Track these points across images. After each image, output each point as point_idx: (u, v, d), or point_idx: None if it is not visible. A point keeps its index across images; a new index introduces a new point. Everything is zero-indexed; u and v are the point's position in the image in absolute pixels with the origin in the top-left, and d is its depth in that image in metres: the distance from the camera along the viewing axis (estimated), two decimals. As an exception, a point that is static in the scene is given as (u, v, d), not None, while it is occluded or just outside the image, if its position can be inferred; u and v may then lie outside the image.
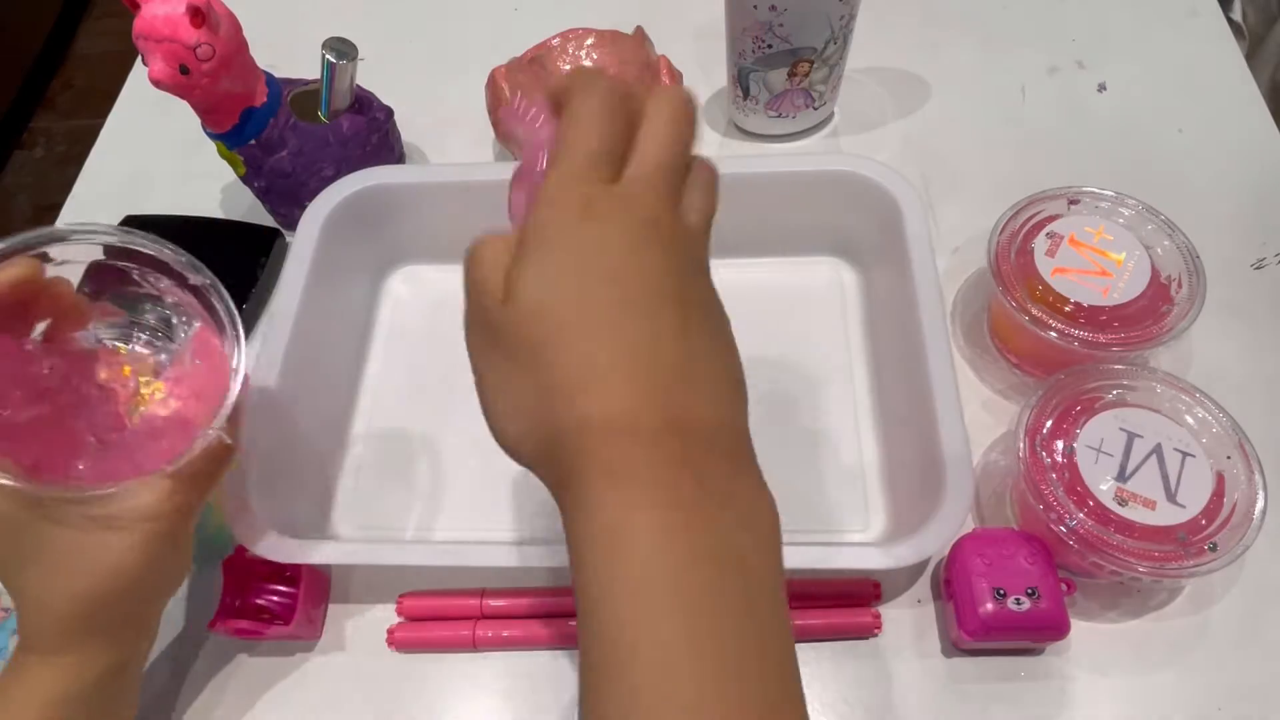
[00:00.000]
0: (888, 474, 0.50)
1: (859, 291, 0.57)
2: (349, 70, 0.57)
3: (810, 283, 0.58)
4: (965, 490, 0.42)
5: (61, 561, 0.35)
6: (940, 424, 0.44)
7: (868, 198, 0.53)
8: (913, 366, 0.46)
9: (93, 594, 0.35)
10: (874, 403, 0.53)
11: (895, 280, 0.51)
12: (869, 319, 0.56)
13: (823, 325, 0.56)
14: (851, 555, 0.44)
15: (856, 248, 0.57)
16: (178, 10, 0.48)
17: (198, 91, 0.52)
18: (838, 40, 0.58)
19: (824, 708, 0.45)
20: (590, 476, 0.25)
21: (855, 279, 0.58)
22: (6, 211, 1.74)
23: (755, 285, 0.56)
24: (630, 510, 0.25)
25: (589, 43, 0.58)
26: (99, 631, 0.37)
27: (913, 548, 0.41)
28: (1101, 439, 0.44)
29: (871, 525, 0.49)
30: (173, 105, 0.54)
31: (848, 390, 0.53)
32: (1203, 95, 0.65)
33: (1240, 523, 0.42)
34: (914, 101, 0.67)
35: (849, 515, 0.49)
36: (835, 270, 0.58)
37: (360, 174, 0.56)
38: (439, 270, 0.60)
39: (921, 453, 0.45)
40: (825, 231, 0.57)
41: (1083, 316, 0.49)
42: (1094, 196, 0.53)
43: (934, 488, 0.43)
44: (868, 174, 0.52)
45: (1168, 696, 0.44)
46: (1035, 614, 0.42)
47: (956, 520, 0.41)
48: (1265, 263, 0.57)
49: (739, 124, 0.66)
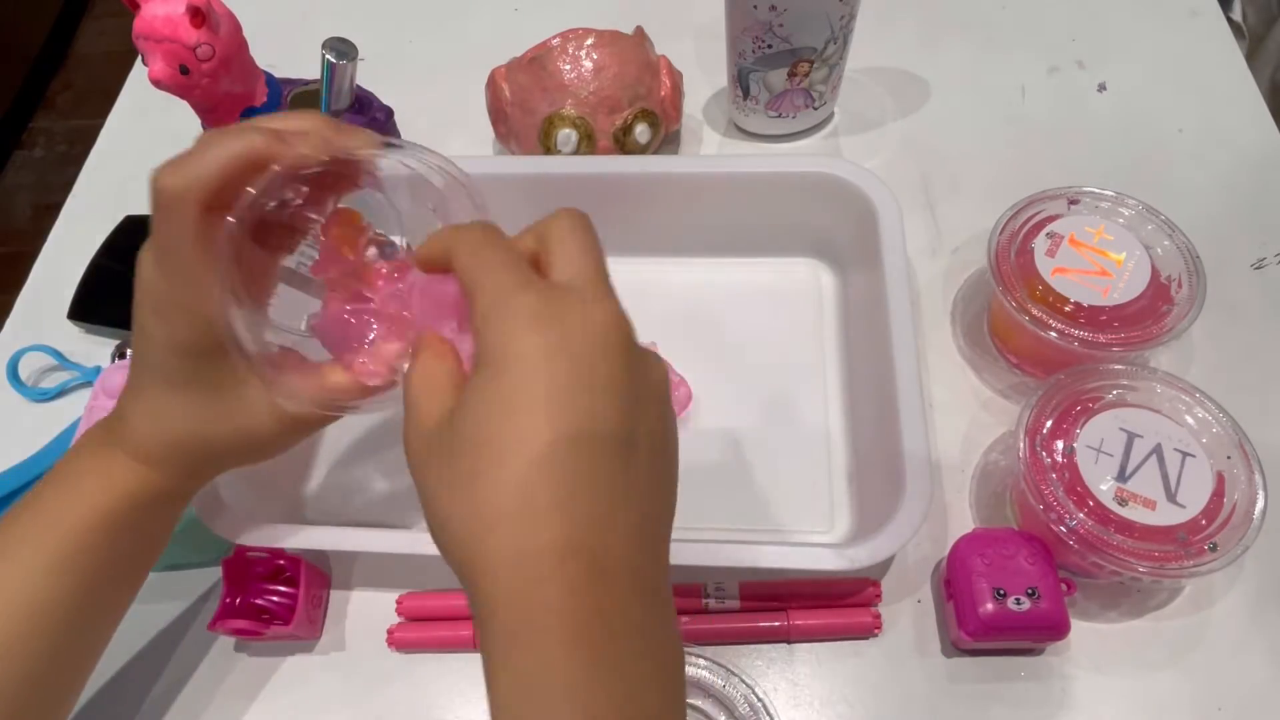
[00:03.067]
0: (855, 476, 0.50)
1: (835, 293, 0.57)
2: (349, 70, 0.57)
3: (788, 283, 0.58)
4: (922, 493, 0.42)
5: (213, 401, 0.35)
6: (902, 426, 0.44)
7: (845, 200, 0.53)
8: (881, 368, 0.47)
9: (218, 440, 0.35)
10: (844, 404, 0.53)
11: (869, 283, 0.51)
12: (844, 320, 0.56)
13: (799, 326, 0.56)
14: (806, 556, 0.43)
15: (835, 249, 0.57)
16: (178, 10, 0.48)
17: (198, 91, 0.52)
18: (838, 40, 0.58)
19: (824, 707, 0.45)
20: (503, 619, 0.25)
21: (833, 280, 0.58)
22: (6, 211, 1.74)
23: (733, 284, 0.58)
24: (540, 665, 0.24)
25: (589, 43, 0.58)
26: (193, 466, 0.37)
27: (868, 550, 0.41)
28: (1101, 439, 0.44)
29: (836, 527, 0.49)
30: (173, 105, 0.54)
31: (820, 391, 0.53)
32: (1203, 95, 0.65)
33: (1240, 523, 0.42)
34: (914, 101, 0.67)
35: (815, 516, 0.49)
36: (814, 271, 0.58)
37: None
38: None
39: (885, 455, 0.45)
40: (804, 232, 0.57)
41: (1083, 316, 0.49)
42: (1094, 196, 0.53)
43: (894, 490, 0.43)
44: (845, 176, 0.52)
45: (1168, 696, 0.44)
46: (1035, 614, 0.42)
47: (912, 524, 0.41)
48: (1265, 263, 0.57)
49: (739, 124, 0.66)
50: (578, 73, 0.57)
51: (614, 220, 0.55)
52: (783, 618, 0.46)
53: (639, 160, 0.58)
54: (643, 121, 0.59)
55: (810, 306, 0.57)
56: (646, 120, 0.59)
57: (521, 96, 0.59)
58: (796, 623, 0.46)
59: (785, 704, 0.45)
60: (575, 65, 0.57)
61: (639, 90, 0.59)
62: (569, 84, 0.57)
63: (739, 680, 0.43)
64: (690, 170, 0.54)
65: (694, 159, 0.56)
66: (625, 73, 0.58)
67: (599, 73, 0.57)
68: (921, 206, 0.61)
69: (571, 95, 0.58)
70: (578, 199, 0.54)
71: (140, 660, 0.48)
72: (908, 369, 0.45)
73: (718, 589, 0.47)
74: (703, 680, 0.43)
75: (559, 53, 0.58)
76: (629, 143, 0.59)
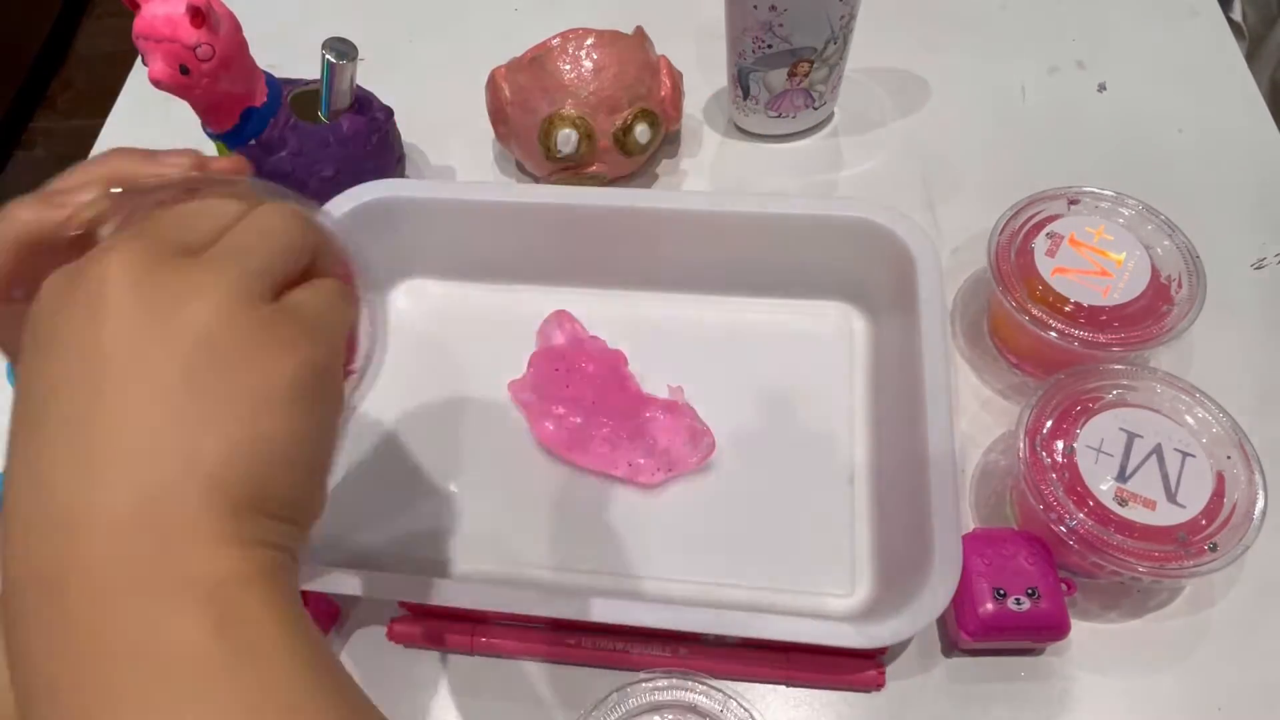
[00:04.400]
0: (878, 538, 0.48)
1: (867, 339, 0.55)
2: (349, 70, 0.57)
3: (818, 327, 0.56)
4: (951, 569, 0.40)
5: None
6: (932, 491, 0.42)
7: (881, 245, 0.51)
8: (912, 424, 0.45)
9: None
10: (871, 458, 0.50)
11: (903, 332, 0.49)
12: (875, 369, 0.53)
13: (828, 371, 0.54)
14: (823, 630, 0.41)
15: (868, 294, 0.55)
16: (178, 10, 0.48)
17: (198, 91, 0.52)
18: (838, 40, 0.58)
19: (823, 707, 0.45)
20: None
21: (865, 326, 0.55)
22: (6, 211, 1.74)
23: (762, 325, 0.56)
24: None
25: (589, 43, 0.58)
26: None
27: (890, 629, 0.39)
28: (1101, 439, 0.44)
29: (856, 591, 0.47)
30: (173, 105, 0.54)
31: (847, 442, 0.51)
32: (1203, 95, 0.65)
33: (1240, 523, 0.42)
34: (914, 101, 0.67)
35: (835, 578, 0.47)
36: (845, 316, 0.56)
37: (369, 185, 0.55)
38: (443, 285, 0.59)
39: (911, 523, 0.43)
40: (837, 276, 0.55)
41: (1083, 316, 0.49)
42: (1094, 196, 0.53)
43: (921, 564, 0.41)
44: (882, 222, 0.51)
45: (1168, 696, 0.44)
46: (1035, 614, 0.42)
47: (938, 604, 0.39)
48: (1265, 263, 0.57)
49: (739, 124, 0.66)
50: (578, 73, 0.57)
51: (643, 254, 0.56)
52: (783, 665, 0.45)
53: (675, 196, 0.58)
54: (643, 121, 0.59)
55: (841, 352, 0.55)
56: (646, 120, 0.59)
57: (521, 96, 0.59)
58: (795, 674, 0.45)
59: (784, 703, 0.45)
60: (575, 65, 0.57)
61: (639, 90, 0.59)
62: (569, 84, 0.57)
63: (736, 704, 0.43)
64: (724, 209, 0.53)
65: (730, 196, 0.54)
66: (625, 73, 0.58)
67: (599, 73, 0.57)
68: (922, 206, 0.61)
69: (571, 95, 0.58)
70: (609, 231, 0.55)
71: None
72: (941, 427, 0.43)
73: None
74: (700, 705, 0.43)
75: (559, 53, 0.58)
76: (629, 143, 0.59)
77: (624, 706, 0.43)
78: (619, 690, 0.43)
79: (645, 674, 0.44)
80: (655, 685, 0.43)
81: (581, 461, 0.51)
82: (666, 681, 0.43)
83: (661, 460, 0.50)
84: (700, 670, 0.45)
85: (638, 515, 0.50)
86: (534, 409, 0.53)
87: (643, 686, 0.43)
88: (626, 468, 0.51)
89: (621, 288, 0.58)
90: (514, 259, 0.57)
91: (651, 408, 0.52)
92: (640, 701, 0.43)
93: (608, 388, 0.52)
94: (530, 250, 0.57)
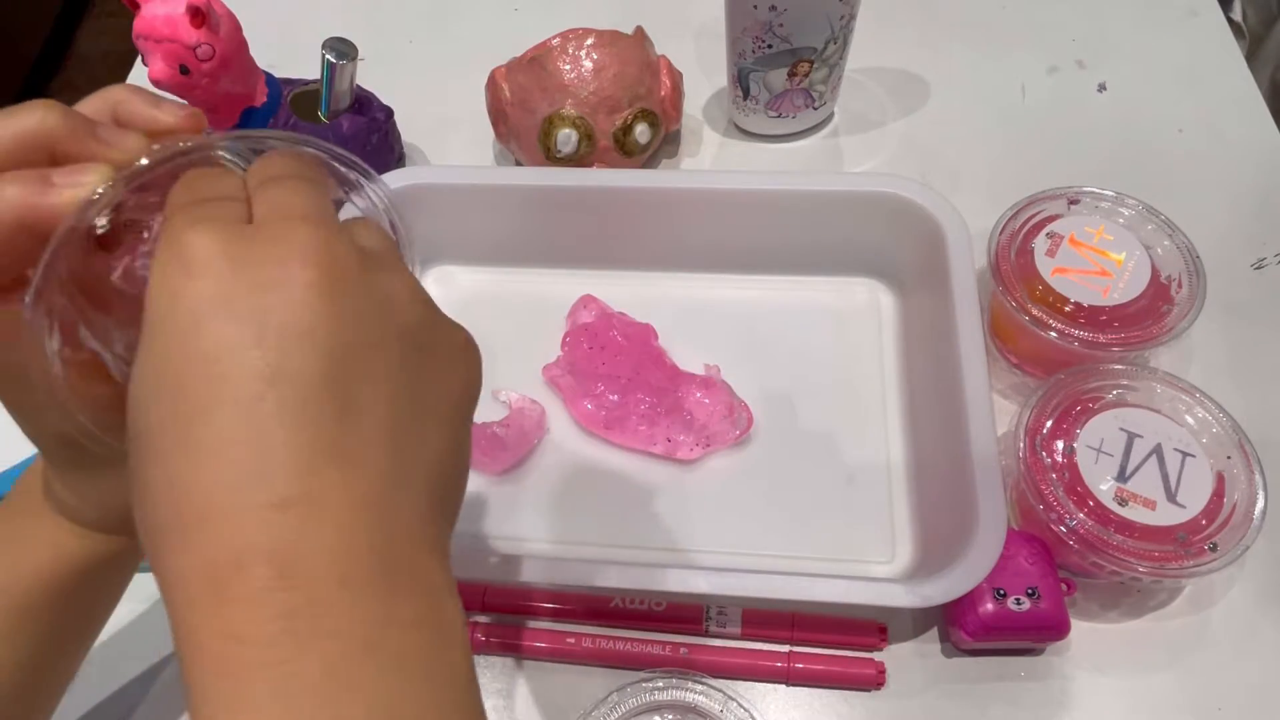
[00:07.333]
0: (918, 504, 0.49)
1: (896, 315, 0.55)
2: (349, 70, 0.57)
3: (847, 304, 0.56)
4: (998, 524, 0.41)
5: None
6: (974, 455, 0.42)
7: (910, 221, 0.51)
8: (948, 398, 0.45)
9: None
10: (906, 430, 0.51)
11: (935, 307, 0.49)
12: (905, 344, 0.54)
13: (858, 347, 0.54)
14: (875, 591, 0.42)
15: (896, 271, 0.56)
16: (178, 10, 0.48)
17: (198, 91, 0.52)
18: (838, 40, 0.58)
19: (823, 708, 0.45)
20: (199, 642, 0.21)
21: (893, 302, 0.56)
22: (6, 211, 1.74)
23: (790, 303, 0.57)
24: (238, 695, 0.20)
25: (589, 43, 0.58)
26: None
27: (941, 587, 0.40)
28: (1101, 439, 0.44)
29: (898, 556, 0.47)
30: (173, 105, 0.54)
31: (880, 416, 0.52)
32: (1203, 95, 0.65)
33: (1240, 523, 0.42)
34: (914, 101, 0.67)
35: (877, 545, 0.48)
36: (873, 292, 0.56)
37: (398, 173, 0.56)
38: (472, 271, 0.60)
39: (953, 483, 0.44)
40: (864, 252, 0.55)
41: (1083, 316, 0.49)
42: (1094, 196, 0.53)
43: (964, 523, 0.41)
44: (911, 196, 0.51)
45: (1168, 696, 0.44)
46: (1035, 614, 0.42)
47: (989, 558, 0.40)
48: (1265, 263, 0.57)
49: (739, 124, 0.66)
50: (578, 73, 0.57)
51: (669, 234, 0.56)
52: (784, 659, 0.45)
53: (700, 175, 0.58)
54: (643, 121, 0.59)
55: (870, 328, 0.55)
56: (646, 120, 0.59)
57: (521, 96, 0.59)
58: (797, 666, 0.45)
59: (784, 703, 0.45)
60: (575, 65, 0.57)
61: (639, 90, 0.59)
62: (569, 84, 0.57)
63: (735, 705, 0.43)
64: (750, 187, 0.53)
65: (755, 175, 0.55)
66: (625, 73, 0.58)
67: (599, 73, 0.57)
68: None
69: (571, 95, 0.58)
70: (636, 212, 0.56)
71: (137, 659, 0.48)
72: (979, 396, 0.44)
73: (720, 612, 0.46)
74: (700, 705, 0.43)
75: (559, 53, 0.58)
76: (629, 143, 0.59)
77: (624, 706, 0.43)
78: (619, 690, 0.43)
79: (645, 674, 0.44)
80: (655, 685, 0.43)
81: (619, 440, 0.52)
82: (666, 681, 0.43)
83: (700, 436, 0.51)
84: (700, 670, 0.45)
85: (677, 490, 0.51)
86: (570, 390, 0.53)
87: (643, 686, 0.43)
88: (665, 444, 0.51)
89: (649, 269, 0.58)
90: (542, 244, 0.58)
91: (688, 384, 0.52)
92: (640, 701, 0.43)
93: (642, 362, 0.53)
94: (558, 234, 0.57)
